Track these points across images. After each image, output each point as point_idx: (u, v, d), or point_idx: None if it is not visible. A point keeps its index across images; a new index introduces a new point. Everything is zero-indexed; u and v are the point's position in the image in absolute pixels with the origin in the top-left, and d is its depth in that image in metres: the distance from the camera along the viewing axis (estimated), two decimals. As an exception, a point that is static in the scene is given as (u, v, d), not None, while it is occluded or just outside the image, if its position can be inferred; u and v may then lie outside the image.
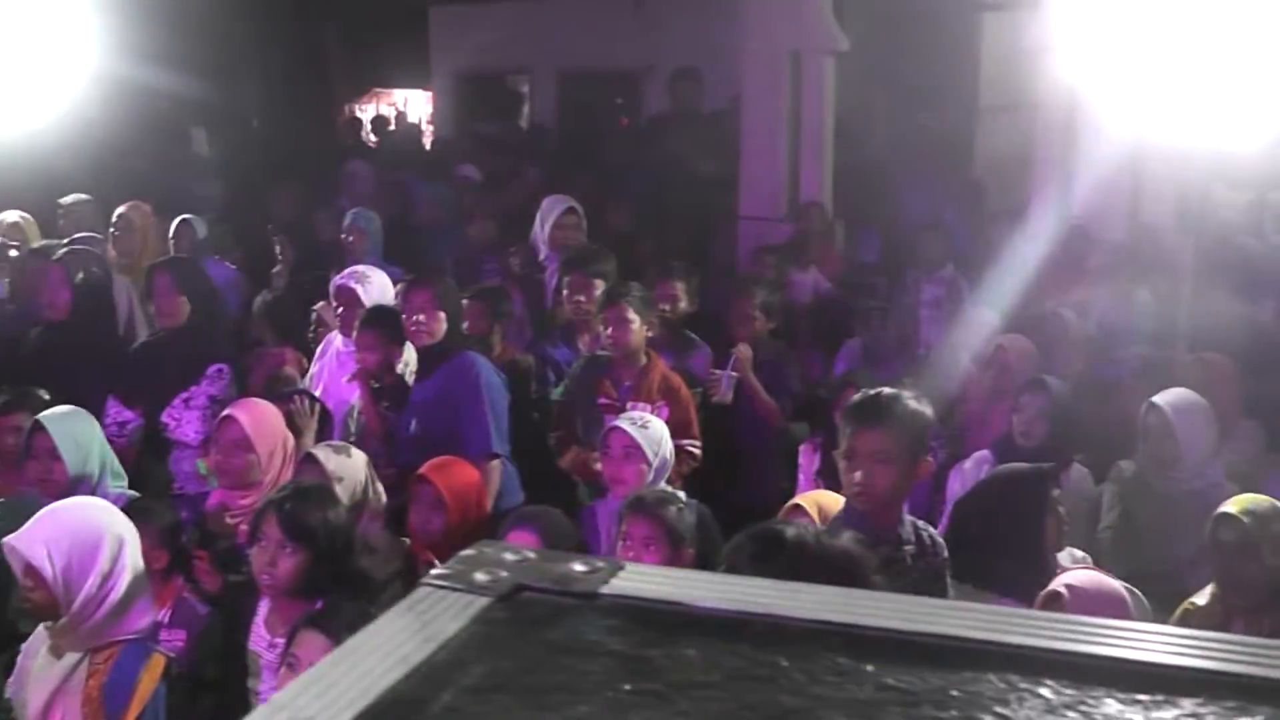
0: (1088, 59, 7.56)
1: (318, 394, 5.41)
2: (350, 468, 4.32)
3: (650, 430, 4.72)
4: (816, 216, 8.82)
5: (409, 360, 5.51)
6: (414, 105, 16.91)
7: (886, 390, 4.28)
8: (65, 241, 7.32)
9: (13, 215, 7.78)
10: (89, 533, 3.33)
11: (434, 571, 0.85)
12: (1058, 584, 3.44)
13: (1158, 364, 6.05)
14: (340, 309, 5.82)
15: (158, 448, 5.42)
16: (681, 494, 4.69)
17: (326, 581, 3.61)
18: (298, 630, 3.16)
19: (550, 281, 6.91)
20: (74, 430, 4.44)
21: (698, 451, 5.31)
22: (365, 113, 16.36)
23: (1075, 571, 3.67)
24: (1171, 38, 6.22)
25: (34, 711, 3.31)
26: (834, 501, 3.81)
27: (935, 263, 7.92)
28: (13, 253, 7.10)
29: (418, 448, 5.11)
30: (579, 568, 0.81)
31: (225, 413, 4.60)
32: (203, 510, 4.67)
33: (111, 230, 7.51)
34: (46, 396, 4.95)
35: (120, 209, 7.61)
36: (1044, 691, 0.75)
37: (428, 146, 13.81)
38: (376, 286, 5.81)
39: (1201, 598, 3.92)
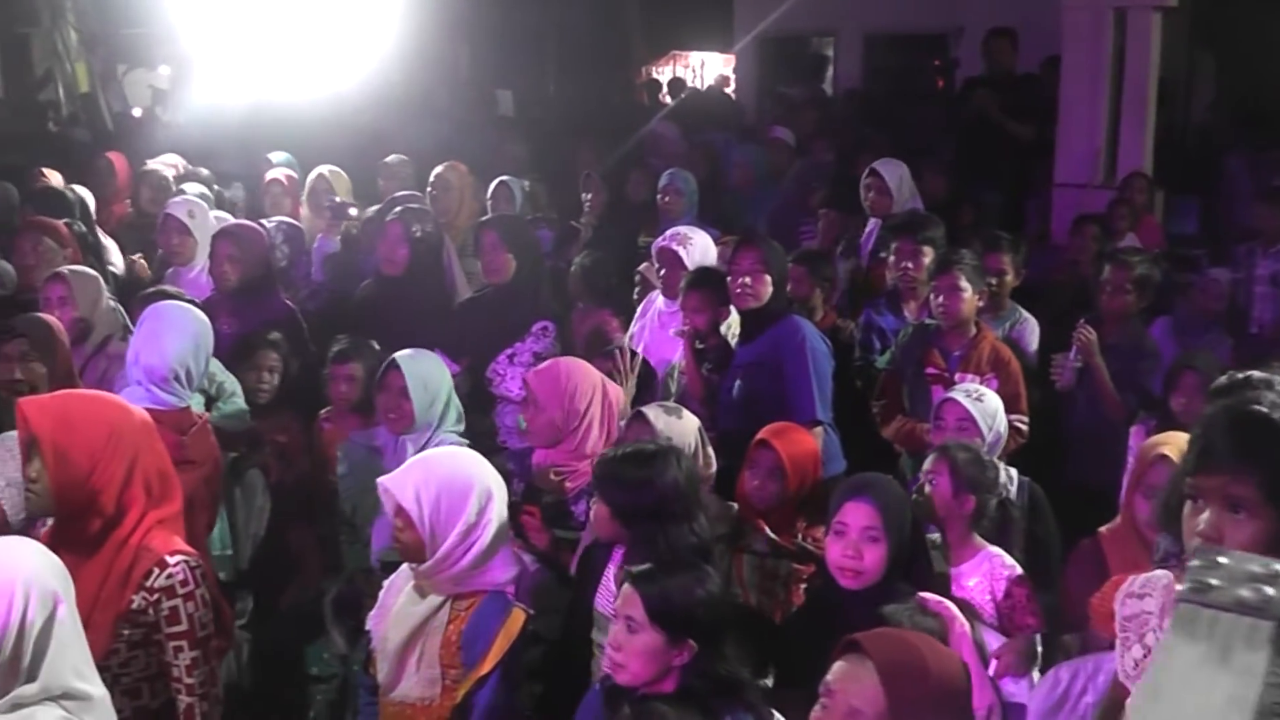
0: None
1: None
2: (680, 429, 4.29)
3: (985, 403, 4.58)
4: (1139, 186, 8.38)
5: (731, 322, 5.46)
6: (710, 67, 16.92)
7: (1256, 374, 3.99)
8: (376, 203, 7.59)
9: (324, 168, 8.07)
10: (459, 483, 3.38)
11: (1182, 588, 0.75)
12: None
13: None
14: (662, 270, 5.81)
15: (482, 401, 5.52)
16: (1013, 469, 4.53)
17: (658, 549, 3.59)
18: (622, 585, 3.15)
19: (865, 246, 6.78)
20: (424, 373, 4.57)
21: (1025, 428, 5.11)
22: (662, 75, 16.45)
23: None
24: None
25: (393, 647, 3.38)
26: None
27: (1274, 235, 7.40)
28: (353, 211, 7.34)
29: (740, 411, 5.09)
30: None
31: (525, 375, 4.65)
32: (530, 467, 4.73)
33: (429, 189, 7.71)
34: (377, 347, 5.11)
35: (438, 169, 7.80)
36: None
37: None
38: (698, 248, 5.78)
39: None
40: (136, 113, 15.83)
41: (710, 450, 4.39)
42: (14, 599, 2.47)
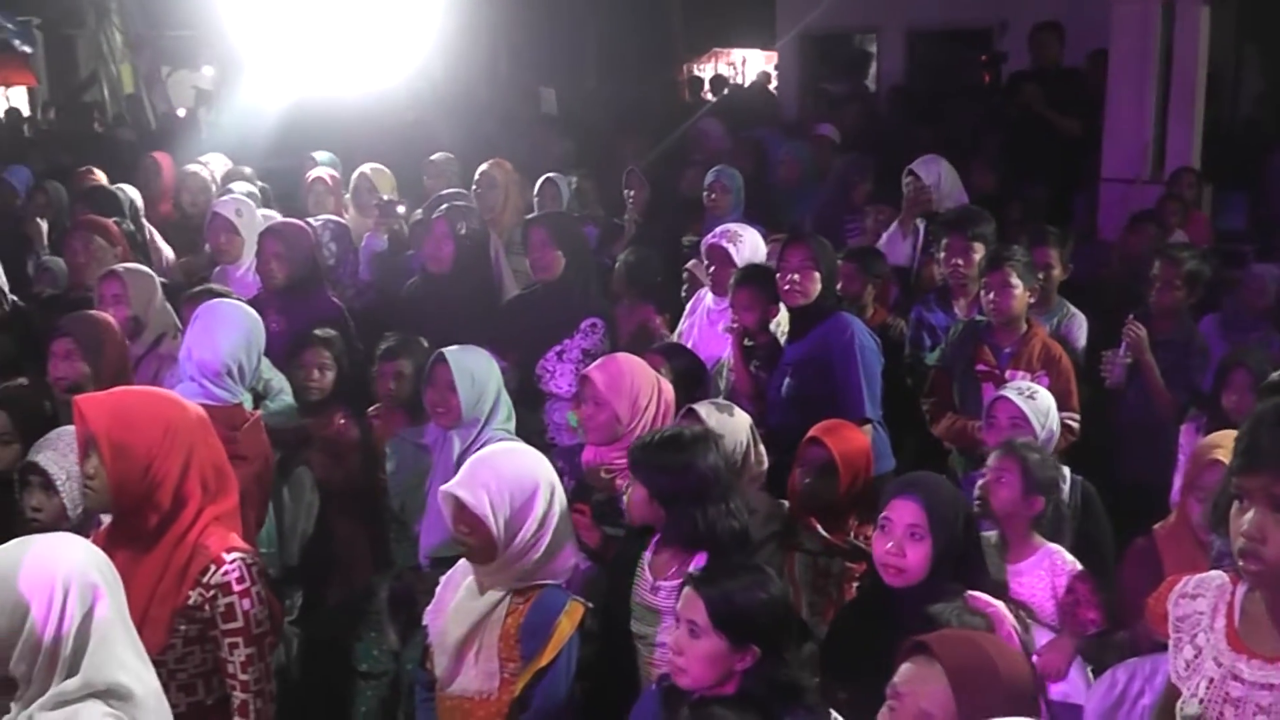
0: None
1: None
2: (731, 426, 4.27)
3: (1038, 401, 4.54)
4: (1187, 181, 8.30)
5: (781, 320, 5.44)
6: (752, 64, 16.90)
7: (1311, 372, 3.94)
8: (421, 200, 7.61)
9: (366, 167, 8.09)
10: (526, 479, 3.39)
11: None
12: None
13: None
14: (711, 268, 5.79)
15: (530, 398, 5.52)
16: (1065, 467, 4.49)
17: (697, 530, 3.61)
18: (684, 586, 3.13)
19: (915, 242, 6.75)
20: (472, 368, 4.53)
21: (1076, 425, 5.06)
22: (704, 72, 16.43)
23: None
24: None
25: (452, 641, 3.40)
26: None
27: (1325, 230, 7.32)
28: (401, 209, 7.37)
29: (789, 408, 5.08)
30: None
31: (583, 372, 4.62)
32: (579, 465, 4.71)
33: (474, 187, 7.71)
34: (426, 344, 5.11)
35: (483, 166, 7.81)
36: None
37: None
38: (748, 245, 5.76)
39: None
40: (181, 113, 15.97)
41: (762, 448, 4.37)
42: (53, 594, 2.49)
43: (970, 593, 3.44)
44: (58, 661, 2.49)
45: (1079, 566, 3.99)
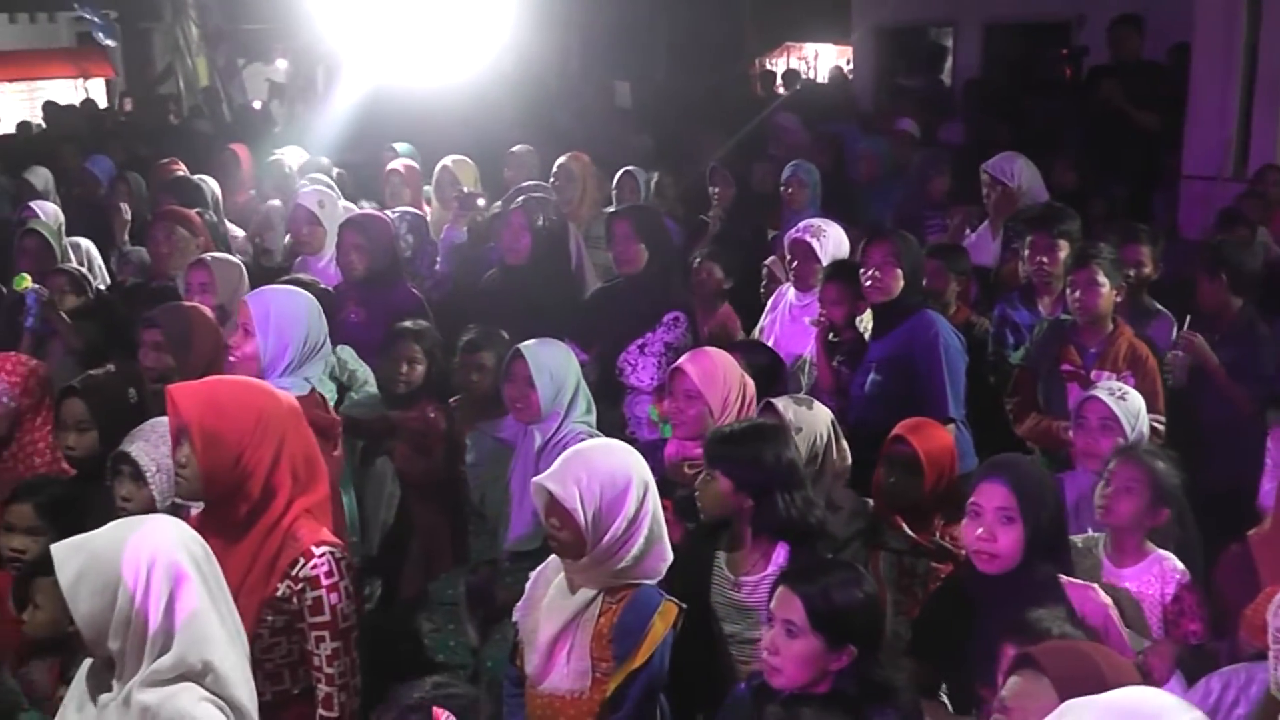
0: None
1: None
2: (810, 420, 4.25)
3: (1129, 402, 4.44)
4: (1272, 179, 8.10)
5: (865, 316, 5.39)
6: (824, 59, 16.81)
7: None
8: (500, 192, 7.60)
9: (448, 159, 8.10)
10: (619, 476, 3.37)
11: None
12: None
13: None
14: (794, 263, 5.75)
15: (610, 392, 5.49)
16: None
17: (790, 518, 3.63)
18: (778, 585, 3.10)
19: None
20: (550, 362, 4.53)
21: (1161, 428, 4.95)
22: (776, 66, 16.34)
23: None
24: None
25: (544, 639, 3.38)
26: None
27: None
28: (481, 202, 7.38)
29: (872, 405, 5.03)
30: None
31: (675, 365, 4.59)
32: (660, 460, 4.69)
33: (552, 180, 7.71)
34: (506, 336, 5.10)
35: (560, 159, 7.80)
36: None
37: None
38: (832, 240, 5.71)
39: None
40: (256, 105, 16.14)
41: (844, 444, 4.33)
42: (138, 570, 2.54)
43: (1068, 580, 3.38)
44: (147, 639, 2.54)
45: (1188, 575, 3.90)
